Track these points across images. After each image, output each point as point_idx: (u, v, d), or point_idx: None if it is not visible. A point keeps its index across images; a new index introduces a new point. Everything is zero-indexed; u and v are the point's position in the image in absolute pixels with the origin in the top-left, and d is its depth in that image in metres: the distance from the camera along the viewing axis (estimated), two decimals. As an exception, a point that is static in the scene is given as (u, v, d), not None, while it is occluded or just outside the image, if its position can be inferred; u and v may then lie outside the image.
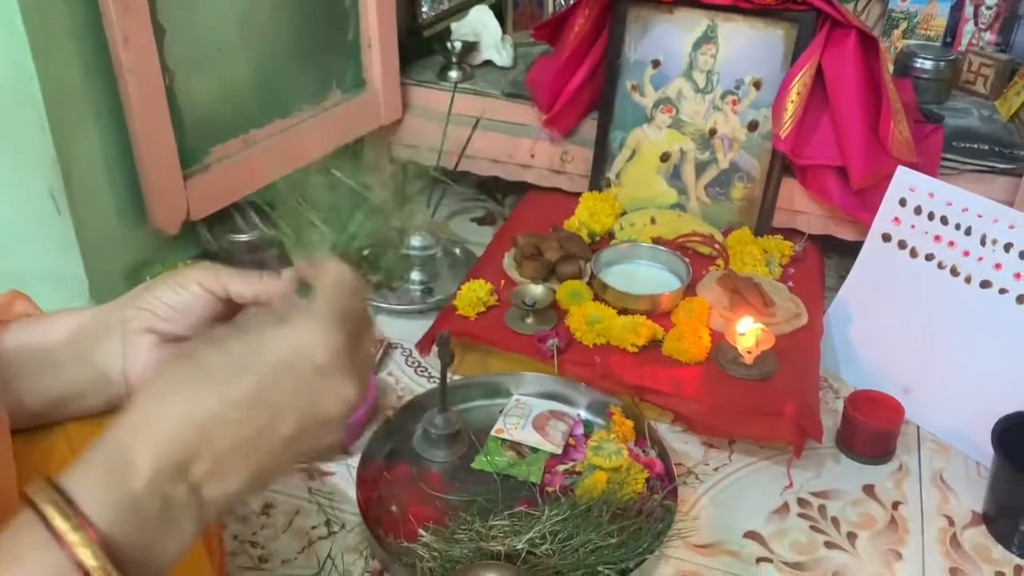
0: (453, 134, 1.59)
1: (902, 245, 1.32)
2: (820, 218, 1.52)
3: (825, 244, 1.55)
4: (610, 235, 1.55)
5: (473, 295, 1.32)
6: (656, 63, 1.54)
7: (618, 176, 1.60)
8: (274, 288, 0.58)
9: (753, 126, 1.50)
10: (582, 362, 1.25)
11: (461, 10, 1.84)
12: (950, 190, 1.27)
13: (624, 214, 1.58)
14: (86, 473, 0.43)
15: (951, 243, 1.26)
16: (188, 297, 0.58)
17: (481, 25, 1.74)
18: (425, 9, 1.80)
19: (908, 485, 1.17)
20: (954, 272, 1.26)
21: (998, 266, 1.22)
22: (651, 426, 1.18)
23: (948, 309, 1.26)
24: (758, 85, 1.49)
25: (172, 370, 0.47)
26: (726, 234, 1.52)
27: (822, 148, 1.44)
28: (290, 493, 1.12)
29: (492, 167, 1.69)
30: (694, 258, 1.46)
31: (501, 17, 1.81)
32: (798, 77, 1.41)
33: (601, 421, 1.21)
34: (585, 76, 1.57)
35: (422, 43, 1.77)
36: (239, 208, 1.37)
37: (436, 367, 1.31)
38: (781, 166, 1.49)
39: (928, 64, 1.66)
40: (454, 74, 1.69)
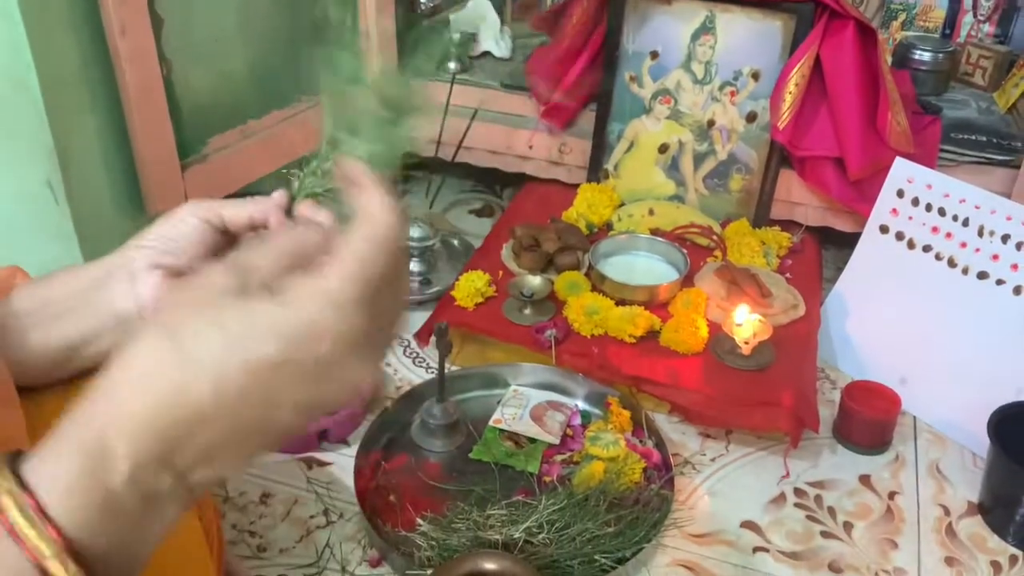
0: (452, 125, 1.59)
1: (900, 236, 1.32)
2: (818, 209, 1.52)
3: (823, 235, 1.55)
4: (608, 226, 1.55)
5: (471, 286, 1.32)
6: (654, 54, 1.54)
7: (616, 167, 1.60)
8: (267, 207, 0.58)
9: (751, 117, 1.50)
10: (580, 353, 1.25)
11: (459, 1, 1.83)
12: (948, 181, 1.27)
13: (622, 205, 1.58)
14: (57, 468, 0.39)
15: (948, 234, 1.27)
16: (185, 229, 0.60)
17: (480, 16, 1.74)
18: (423, 0, 1.80)
19: (904, 475, 1.18)
20: (951, 263, 1.26)
21: (995, 257, 1.22)
22: (648, 416, 1.18)
23: (945, 300, 1.26)
24: (756, 76, 1.49)
25: (157, 349, 0.39)
26: (724, 225, 1.53)
27: (820, 139, 1.44)
28: (288, 483, 1.12)
29: (490, 158, 1.69)
30: (692, 249, 1.46)
31: (499, 8, 1.81)
32: (796, 68, 1.41)
33: (599, 411, 1.21)
34: (584, 67, 1.57)
35: (421, 34, 1.76)
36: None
37: (434, 358, 1.31)
38: (779, 157, 1.49)
39: (927, 56, 1.66)
40: (453, 65, 1.69)
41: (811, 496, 1.14)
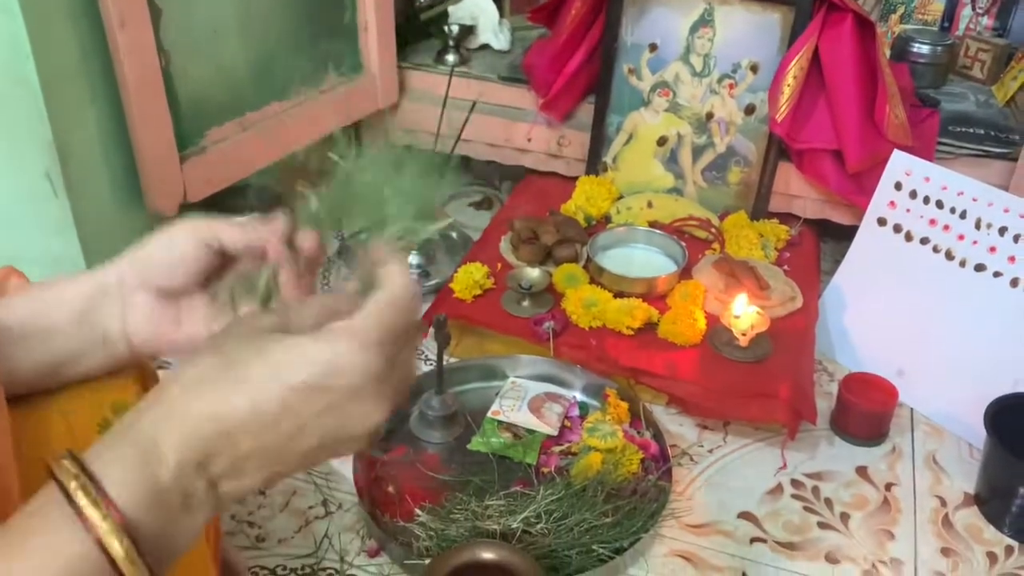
0: (451, 118, 1.59)
1: (897, 229, 1.32)
2: (816, 202, 1.52)
3: (821, 228, 1.56)
4: (607, 219, 1.55)
5: (470, 278, 1.33)
6: (653, 47, 1.54)
7: (615, 160, 1.60)
8: (265, 234, 0.58)
9: (750, 110, 1.50)
10: (578, 345, 1.25)
11: (458, -7, 1.83)
12: (946, 174, 1.27)
13: (621, 198, 1.58)
14: (113, 456, 0.43)
15: (946, 227, 1.27)
16: (181, 251, 0.59)
17: (478, 9, 1.74)
18: (422, -7, 1.80)
19: (901, 466, 1.18)
20: (949, 256, 1.26)
21: (992, 250, 1.22)
22: (646, 408, 1.18)
23: (943, 292, 1.26)
24: (755, 69, 1.49)
25: (205, 364, 0.46)
26: (722, 218, 1.53)
27: (818, 132, 1.44)
28: (287, 474, 1.12)
29: (489, 151, 1.69)
30: (690, 242, 1.46)
31: (498, 1, 1.81)
32: (795, 61, 1.41)
33: (597, 403, 1.21)
34: (582, 60, 1.57)
35: (419, 27, 1.76)
36: (243, 190, 1.37)
37: (433, 349, 1.31)
38: (777, 150, 1.49)
39: (925, 49, 1.66)
40: (451, 58, 1.69)
41: (808, 487, 1.14)
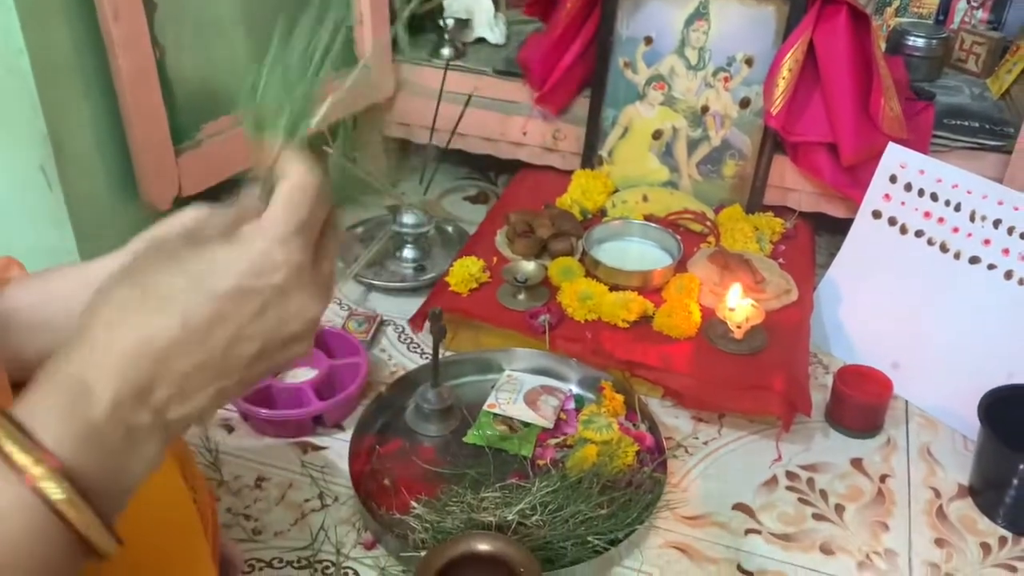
0: (446, 112, 1.59)
1: (892, 222, 1.32)
2: (811, 195, 1.52)
3: (816, 221, 1.56)
4: (602, 213, 1.55)
5: (465, 272, 1.33)
6: (648, 40, 1.54)
7: (610, 154, 1.60)
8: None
9: (745, 103, 1.50)
10: (573, 338, 1.26)
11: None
12: (940, 167, 1.28)
13: (616, 192, 1.59)
14: (41, 404, 0.41)
15: (941, 219, 1.27)
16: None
17: (474, 3, 1.74)
18: (417, -14, 1.79)
19: (896, 458, 1.19)
20: (943, 248, 1.27)
21: (987, 242, 1.23)
22: (641, 400, 1.19)
23: (937, 285, 1.27)
24: (750, 62, 1.49)
25: (123, 293, 0.44)
26: (717, 211, 1.53)
27: (813, 125, 1.44)
28: (283, 467, 1.12)
29: (484, 145, 1.69)
30: (685, 235, 1.47)
31: (494, -6, 1.81)
32: (789, 54, 1.41)
33: (592, 396, 1.21)
34: (577, 53, 1.56)
35: (414, 21, 1.76)
36: (238, 184, 1.37)
37: (428, 343, 1.31)
38: (772, 143, 1.50)
39: (920, 42, 1.66)
40: (447, 52, 1.69)
41: (803, 479, 1.15)
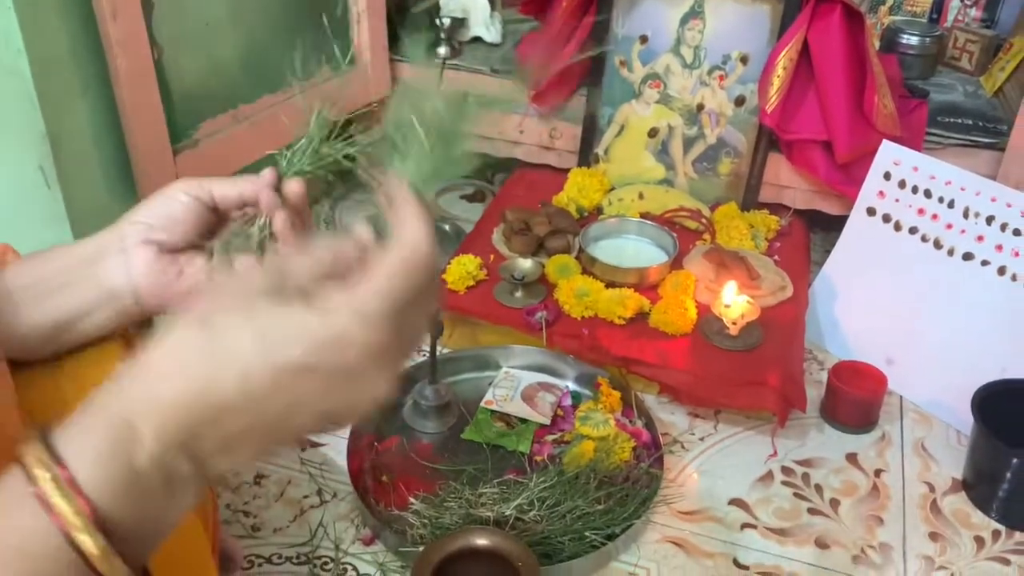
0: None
1: (886, 219, 1.33)
2: (806, 192, 1.53)
3: (811, 218, 1.57)
4: (599, 210, 1.56)
5: (463, 269, 1.33)
6: (644, 39, 1.54)
7: (606, 152, 1.61)
8: (256, 186, 0.60)
9: (740, 101, 1.51)
10: (570, 334, 1.26)
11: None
12: (934, 164, 1.28)
13: (612, 190, 1.59)
14: (85, 442, 0.40)
15: (934, 216, 1.28)
16: (176, 206, 0.61)
17: (470, 1, 1.74)
18: (414, -15, 1.80)
19: (890, 453, 1.19)
20: (937, 245, 1.28)
21: (980, 238, 1.24)
22: (638, 397, 1.19)
23: (931, 281, 1.28)
24: (745, 60, 1.50)
25: (188, 340, 0.41)
26: (713, 209, 1.54)
27: (808, 122, 1.45)
28: (282, 464, 1.13)
29: (481, 144, 1.70)
30: (681, 232, 1.47)
31: (489, -6, 1.81)
32: (784, 52, 1.42)
33: (589, 392, 1.22)
34: (573, 52, 1.57)
35: (411, 19, 1.77)
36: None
37: (426, 340, 1.32)
38: (767, 141, 1.50)
39: (914, 40, 1.67)
40: (443, 50, 1.69)
41: (798, 474, 1.15)
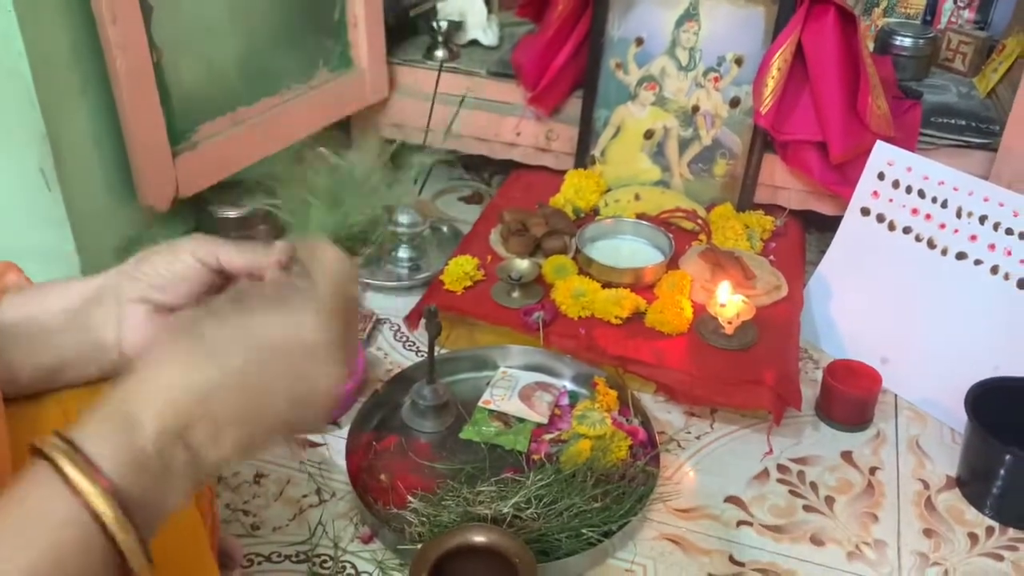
0: (439, 113, 1.60)
1: (880, 219, 1.34)
2: (801, 193, 1.54)
3: (806, 219, 1.58)
4: (595, 211, 1.57)
5: (460, 270, 1.34)
6: (639, 41, 1.55)
7: (603, 154, 1.62)
8: (265, 260, 0.59)
9: (735, 103, 1.52)
10: (567, 334, 1.27)
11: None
12: (927, 164, 1.29)
13: (609, 191, 1.60)
14: (95, 429, 0.45)
15: (928, 216, 1.29)
16: (182, 268, 0.59)
17: (467, 5, 1.76)
18: (411, -12, 1.81)
19: (885, 451, 1.20)
20: (931, 244, 1.29)
21: (973, 238, 1.25)
22: (634, 396, 1.20)
23: (925, 281, 1.29)
24: (740, 62, 1.51)
25: (173, 339, 0.49)
26: (709, 209, 1.55)
27: (802, 123, 1.46)
28: (281, 463, 1.14)
29: (478, 146, 1.71)
30: (677, 233, 1.48)
31: (486, -3, 1.82)
32: (778, 53, 1.43)
33: (586, 391, 1.23)
34: (569, 54, 1.58)
35: (408, 23, 1.78)
36: (235, 185, 1.38)
37: (424, 341, 1.33)
38: (762, 142, 1.51)
39: (908, 42, 1.68)
40: (440, 53, 1.70)
41: (794, 472, 1.16)
